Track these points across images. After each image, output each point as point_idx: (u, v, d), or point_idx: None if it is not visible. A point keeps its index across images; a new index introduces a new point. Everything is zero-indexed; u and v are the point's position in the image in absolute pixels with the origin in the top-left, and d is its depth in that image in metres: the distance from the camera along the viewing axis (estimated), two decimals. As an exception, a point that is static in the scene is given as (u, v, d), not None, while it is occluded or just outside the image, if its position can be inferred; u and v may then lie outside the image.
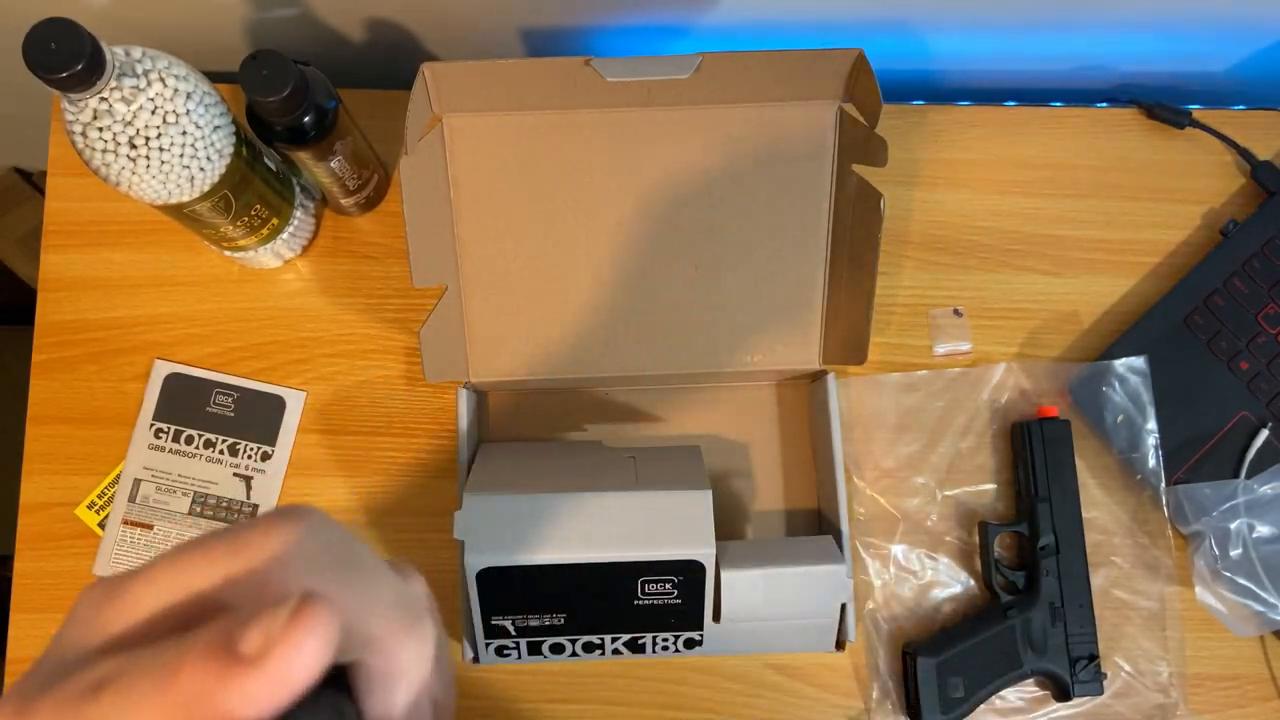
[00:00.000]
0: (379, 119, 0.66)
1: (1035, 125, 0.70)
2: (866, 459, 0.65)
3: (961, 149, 0.70)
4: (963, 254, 0.68)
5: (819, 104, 0.59)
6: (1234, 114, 0.70)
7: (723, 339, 0.62)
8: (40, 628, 0.62)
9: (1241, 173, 0.70)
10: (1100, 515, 0.64)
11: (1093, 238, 0.69)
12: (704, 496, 0.54)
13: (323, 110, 0.55)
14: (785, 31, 0.66)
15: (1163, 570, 0.64)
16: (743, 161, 0.60)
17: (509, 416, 0.65)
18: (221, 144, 0.52)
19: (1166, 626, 0.63)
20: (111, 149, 0.48)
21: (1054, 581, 0.61)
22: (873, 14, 0.64)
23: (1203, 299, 0.66)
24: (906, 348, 0.67)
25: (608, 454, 0.60)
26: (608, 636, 0.55)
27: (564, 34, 0.67)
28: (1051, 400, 0.65)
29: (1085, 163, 0.70)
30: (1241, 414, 0.64)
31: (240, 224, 0.58)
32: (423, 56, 0.69)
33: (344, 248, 0.67)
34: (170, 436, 0.64)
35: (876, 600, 0.63)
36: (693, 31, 0.67)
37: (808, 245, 0.61)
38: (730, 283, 0.61)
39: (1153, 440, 0.63)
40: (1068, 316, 0.68)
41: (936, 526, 0.64)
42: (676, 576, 0.53)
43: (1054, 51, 0.70)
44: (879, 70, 0.53)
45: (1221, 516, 0.61)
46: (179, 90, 0.48)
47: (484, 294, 0.61)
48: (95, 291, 0.66)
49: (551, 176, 0.60)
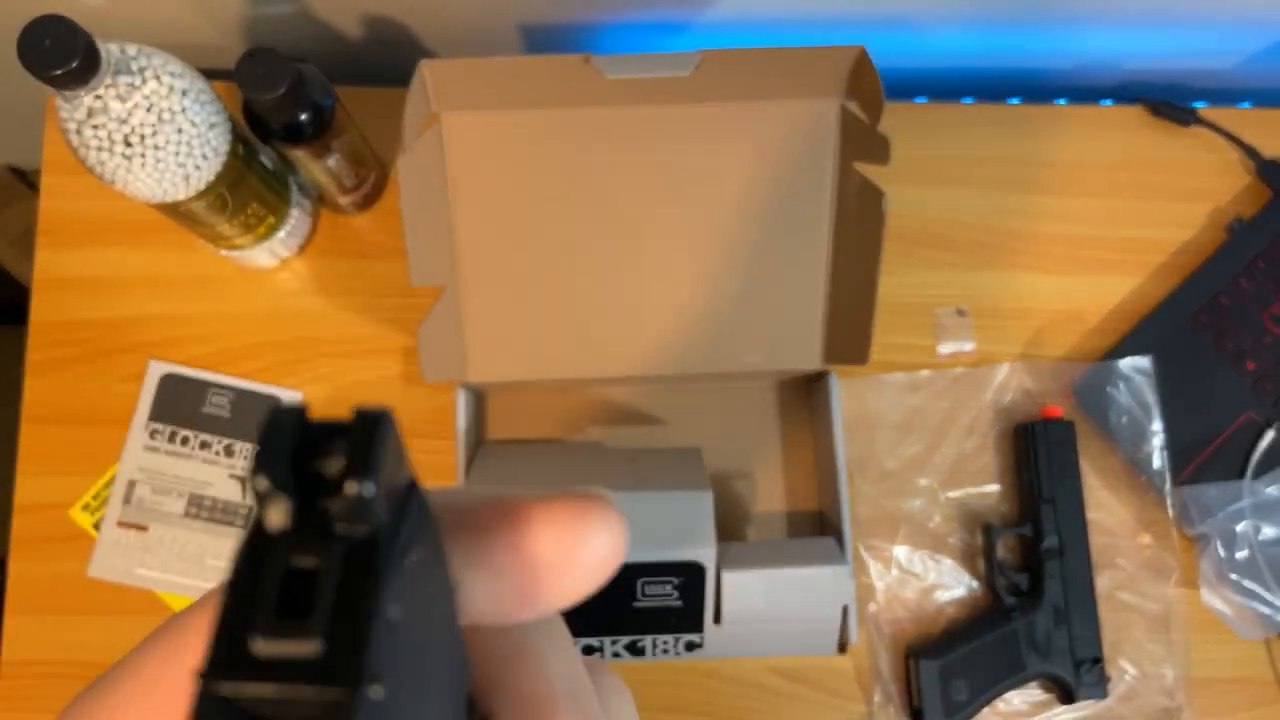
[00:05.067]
0: (376, 117, 0.65)
1: (1040, 123, 0.70)
2: (869, 460, 0.64)
3: (965, 147, 0.69)
4: (966, 253, 0.68)
5: (821, 101, 0.58)
6: (1240, 111, 0.69)
7: (723, 339, 0.61)
8: (34, 631, 0.62)
9: (1247, 171, 0.69)
10: (1105, 517, 0.64)
11: (1097, 236, 0.68)
12: (704, 498, 0.53)
13: (319, 108, 0.54)
14: (787, 28, 0.66)
15: (1168, 572, 0.63)
16: (744, 159, 0.59)
17: (508, 417, 0.65)
18: (217, 142, 0.51)
19: (1171, 629, 0.62)
20: (106, 147, 0.47)
21: (1058, 584, 0.60)
22: (875, 11, 0.64)
23: (1208, 298, 0.65)
24: (909, 347, 0.66)
25: (607, 455, 0.60)
26: (607, 639, 0.54)
27: (563, 31, 0.66)
28: (1056, 400, 0.65)
29: (1090, 161, 0.69)
30: (1247, 414, 0.64)
31: (236, 222, 0.57)
32: (421, 54, 0.69)
33: (341, 246, 0.67)
34: (165, 437, 0.63)
35: (879, 602, 0.62)
36: (693, 28, 0.66)
37: (809, 244, 0.60)
38: (731, 282, 0.61)
39: (1158, 441, 0.62)
40: (1072, 316, 0.67)
41: (939, 528, 0.64)
42: (677, 578, 0.53)
43: (1058, 49, 0.70)
44: (881, 67, 0.53)
45: (1227, 518, 0.61)
46: (174, 88, 0.48)
47: (483, 293, 0.60)
48: (90, 291, 0.65)
49: (551, 174, 0.59)
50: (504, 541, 0.14)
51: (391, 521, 0.11)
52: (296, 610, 0.10)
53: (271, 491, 0.11)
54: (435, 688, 0.13)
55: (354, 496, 0.11)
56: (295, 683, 0.10)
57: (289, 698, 0.10)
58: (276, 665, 0.10)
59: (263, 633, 0.10)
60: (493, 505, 0.15)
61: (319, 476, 0.11)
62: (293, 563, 0.11)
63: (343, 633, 0.10)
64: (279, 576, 0.11)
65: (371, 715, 0.10)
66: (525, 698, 0.15)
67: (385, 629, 0.11)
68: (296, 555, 0.11)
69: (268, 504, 0.11)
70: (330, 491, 0.11)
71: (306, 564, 0.11)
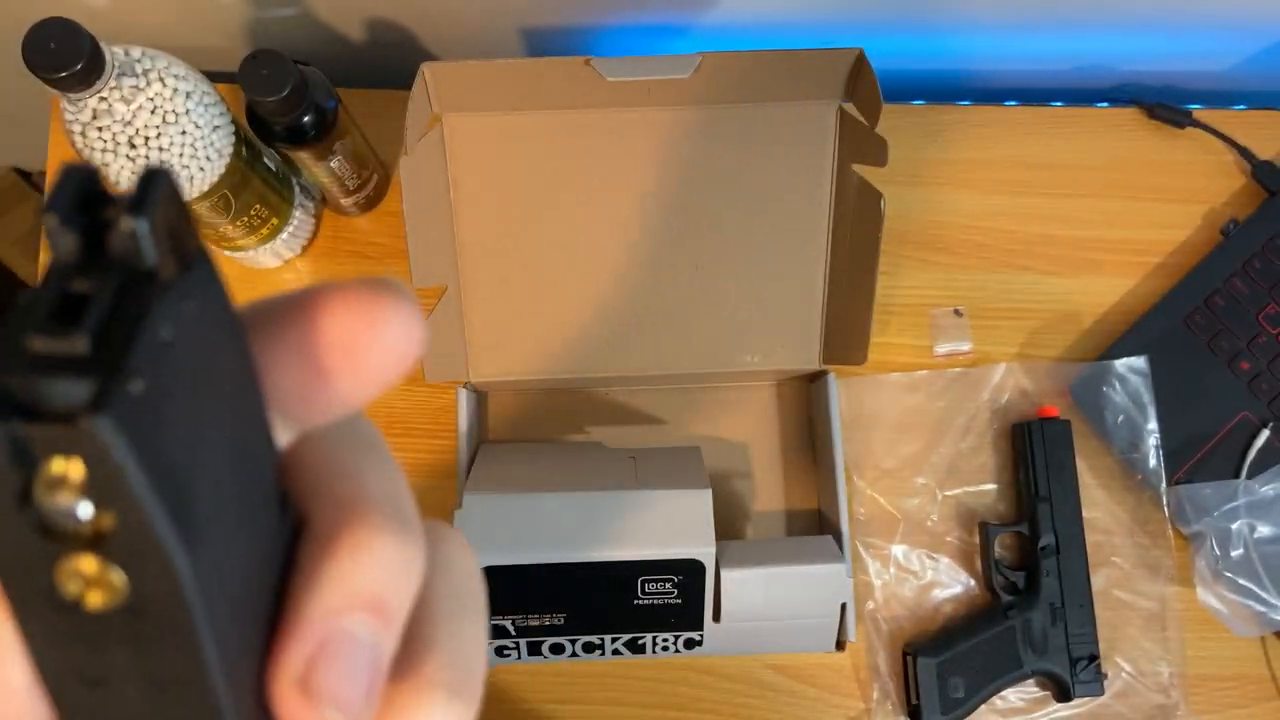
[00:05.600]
0: (379, 119, 0.66)
1: (1036, 125, 0.70)
2: (867, 459, 0.65)
3: (962, 149, 0.70)
4: (963, 254, 0.68)
5: (819, 103, 0.58)
6: (1235, 114, 0.70)
7: (723, 339, 0.61)
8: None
9: (1242, 172, 0.70)
10: (1101, 515, 0.64)
11: (1093, 237, 0.69)
12: (704, 496, 0.53)
13: (322, 110, 0.55)
14: (785, 31, 0.66)
15: (1163, 570, 0.64)
16: (743, 161, 0.60)
17: (509, 417, 0.65)
18: (221, 144, 0.51)
19: (1167, 627, 0.63)
20: (111, 149, 0.47)
21: (1054, 582, 0.61)
22: (873, 13, 0.64)
23: (1203, 299, 0.65)
24: (907, 348, 0.67)
25: (608, 454, 0.60)
26: (607, 636, 0.55)
27: (564, 33, 0.67)
28: (1052, 400, 0.65)
29: (1086, 162, 0.70)
30: (1242, 414, 0.64)
31: (240, 224, 0.58)
32: (422, 56, 0.69)
33: (344, 248, 0.67)
34: (169, 436, 0.63)
35: (877, 600, 0.63)
36: (693, 31, 0.66)
37: (808, 245, 0.61)
38: (730, 283, 0.61)
39: (1153, 440, 0.63)
40: (1068, 316, 0.68)
41: (937, 527, 0.64)
42: (676, 576, 0.53)
43: (1055, 51, 0.70)
44: (879, 70, 0.53)
45: (1222, 517, 0.61)
46: (178, 90, 0.48)
47: (484, 294, 0.61)
48: (94, 291, 0.65)
49: (551, 176, 0.59)
50: (296, 318, 0.15)
51: (171, 266, 0.12)
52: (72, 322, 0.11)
53: (58, 228, 0.12)
54: (218, 431, 0.13)
55: (128, 231, 0.12)
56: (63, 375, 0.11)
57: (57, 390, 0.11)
58: (49, 362, 0.11)
59: (37, 331, 0.11)
60: (290, 294, 0.15)
61: (105, 224, 0.12)
62: (71, 287, 0.12)
63: (110, 338, 0.11)
64: (58, 296, 0.12)
65: (131, 410, 0.11)
66: (338, 499, 0.15)
67: (153, 343, 0.12)
68: (76, 281, 0.12)
69: (55, 239, 0.12)
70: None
71: (83, 288, 0.12)
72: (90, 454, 0.11)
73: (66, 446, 0.11)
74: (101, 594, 0.12)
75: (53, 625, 0.12)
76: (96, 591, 0.12)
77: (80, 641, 0.13)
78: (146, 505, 0.12)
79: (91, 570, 0.12)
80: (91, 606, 0.12)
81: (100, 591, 0.12)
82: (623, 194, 0.60)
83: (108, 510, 0.12)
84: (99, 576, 0.12)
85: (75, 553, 0.12)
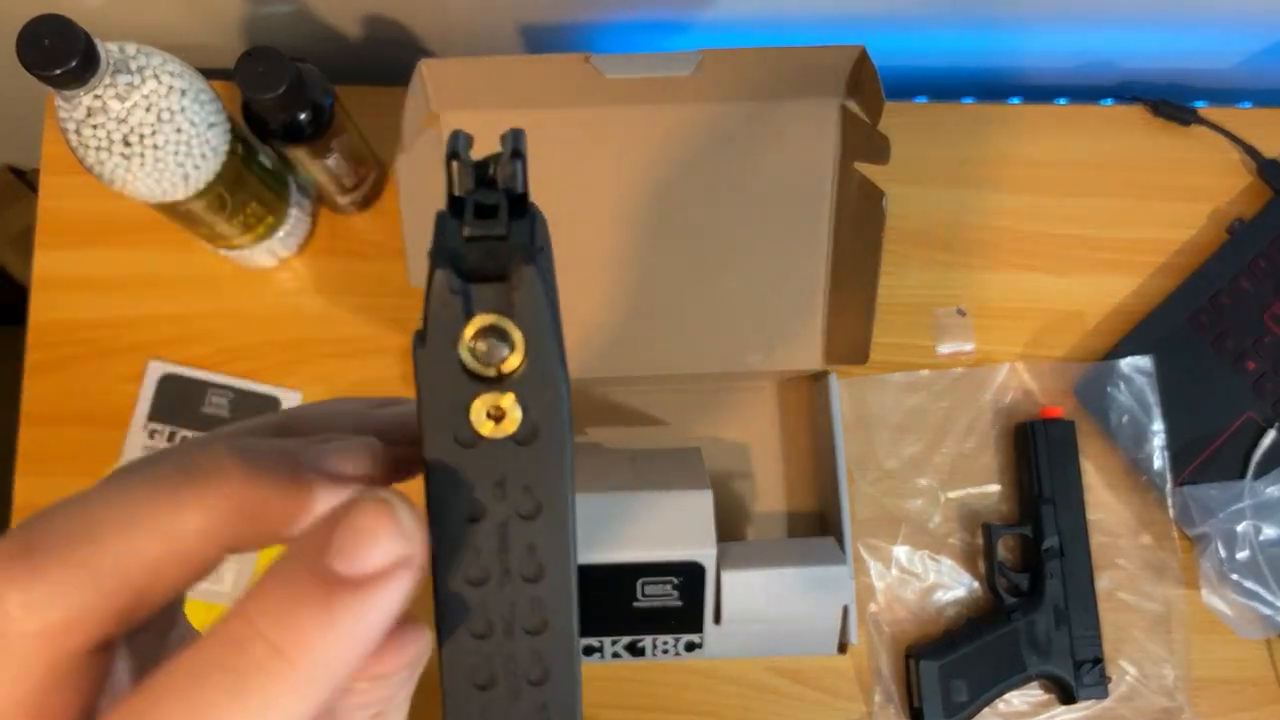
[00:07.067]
0: (376, 116, 0.65)
1: (1040, 123, 0.69)
2: (868, 460, 0.64)
3: (965, 147, 0.69)
4: (966, 253, 0.68)
5: (821, 101, 0.58)
6: (1241, 111, 0.69)
7: (723, 339, 0.61)
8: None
9: (1248, 170, 0.69)
10: (1105, 517, 0.64)
11: (1097, 236, 0.68)
12: (704, 497, 0.53)
13: (319, 107, 0.54)
14: (787, 28, 0.65)
15: (1168, 572, 0.63)
16: (744, 159, 0.59)
17: (508, 417, 0.64)
18: (216, 141, 0.51)
19: (1172, 629, 0.62)
20: (105, 146, 0.47)
21: (1058, 584, 0.60)
22: (875, 10, 0.64)
23: (1208, 298, 0.65)
24: (909, 348, 0.66)
25: (608, 455, 0.60)
26: (607, 639, 0.54)
27: (563, 30, 0.66)
28: (1056, 400, 0.65)
29: (1090, 160, 0.69)
30: (1248, 414, 0.63)
31: (235, 222, 0.57)
32: (420, 53, 0.68)
33: (340, 246, 0.66)
34: (165, 437, 0.63)
35: (879, 602, 0.62)
36: (693, 28, 0.66)
37: (810, 244, 0.60)
38: (731, 282, 0.60)
39: (1158, 441, 0.62)
40: (1072, 316, 0.67)
41: (939, 528, 0.64)
42: (677, 578, 0.53)
43: (1059, 48, 0.70)
44: (881, 67, 0.53)
45: (1228, 518, 0.61)
46: (174, 87, 0.48)
47: (482, 293, 0.60)
48: (89, 291, 0.65)
49: (550, 174, 0.59)
50: None
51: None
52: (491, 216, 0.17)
53: (462, 168, 0.17)
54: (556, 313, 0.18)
55: (509, 172, 0.17)
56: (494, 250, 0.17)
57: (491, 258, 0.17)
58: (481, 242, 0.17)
59: (469, 222, 0.17)
60: None
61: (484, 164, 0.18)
62: (481, 200, 0.17)
63: (516, 228, 0.17)
64: (474, 205, 0.17)
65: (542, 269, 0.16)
66: None
67: (543, 233, 0.17)
68: (483, 194, 0.17)
69: (462, 173, 0.17)
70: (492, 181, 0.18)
71: (490, 200, 0.17)
72: (518, 303, 0.16)
73: (498, 304, 0.16)
74: (502, 425, 0.17)
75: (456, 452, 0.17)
76: (498, 423, 0.17)
77: (479, 462, 0.17)
78: (552, 345, 0.17)
79: (503, 403, 0.17)
80: (488, 435, 0.17)
81: (501, 423, 0.17)
82: (623, 192, 0.59)
83: (519, 353, 0.17)
84: (504, 410, 0.17)
85: (488, 390, 0.17)
